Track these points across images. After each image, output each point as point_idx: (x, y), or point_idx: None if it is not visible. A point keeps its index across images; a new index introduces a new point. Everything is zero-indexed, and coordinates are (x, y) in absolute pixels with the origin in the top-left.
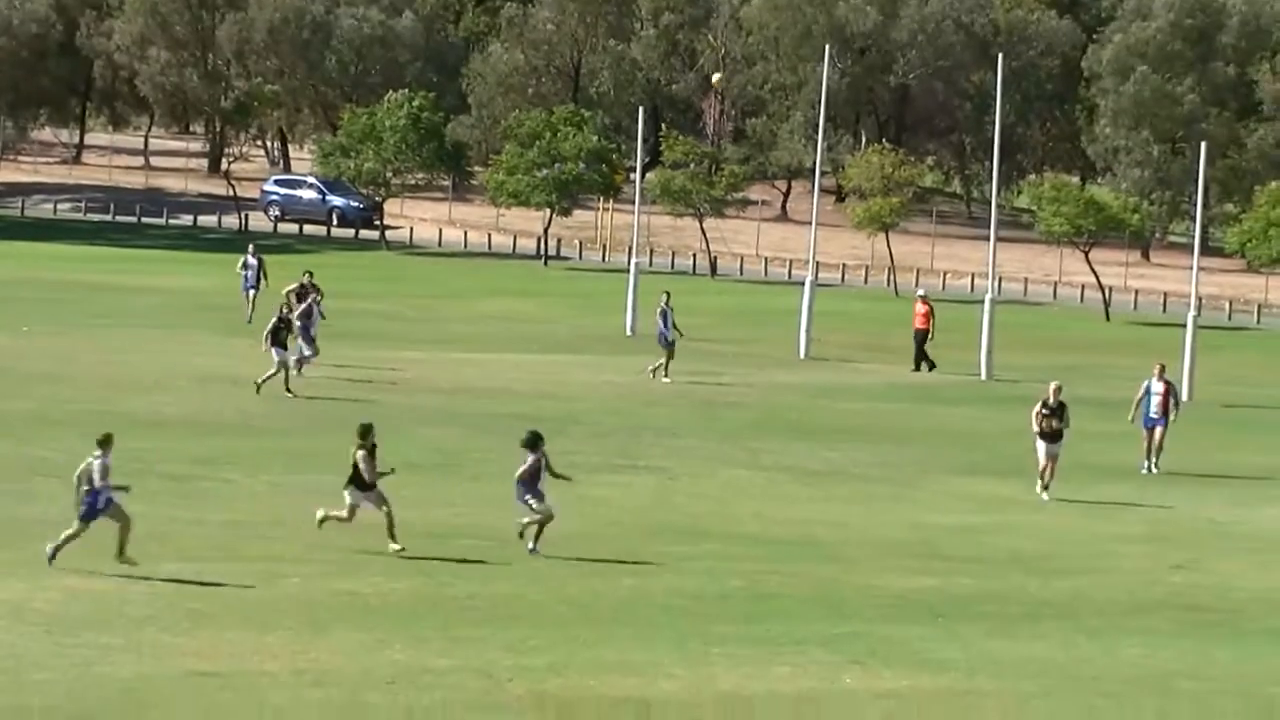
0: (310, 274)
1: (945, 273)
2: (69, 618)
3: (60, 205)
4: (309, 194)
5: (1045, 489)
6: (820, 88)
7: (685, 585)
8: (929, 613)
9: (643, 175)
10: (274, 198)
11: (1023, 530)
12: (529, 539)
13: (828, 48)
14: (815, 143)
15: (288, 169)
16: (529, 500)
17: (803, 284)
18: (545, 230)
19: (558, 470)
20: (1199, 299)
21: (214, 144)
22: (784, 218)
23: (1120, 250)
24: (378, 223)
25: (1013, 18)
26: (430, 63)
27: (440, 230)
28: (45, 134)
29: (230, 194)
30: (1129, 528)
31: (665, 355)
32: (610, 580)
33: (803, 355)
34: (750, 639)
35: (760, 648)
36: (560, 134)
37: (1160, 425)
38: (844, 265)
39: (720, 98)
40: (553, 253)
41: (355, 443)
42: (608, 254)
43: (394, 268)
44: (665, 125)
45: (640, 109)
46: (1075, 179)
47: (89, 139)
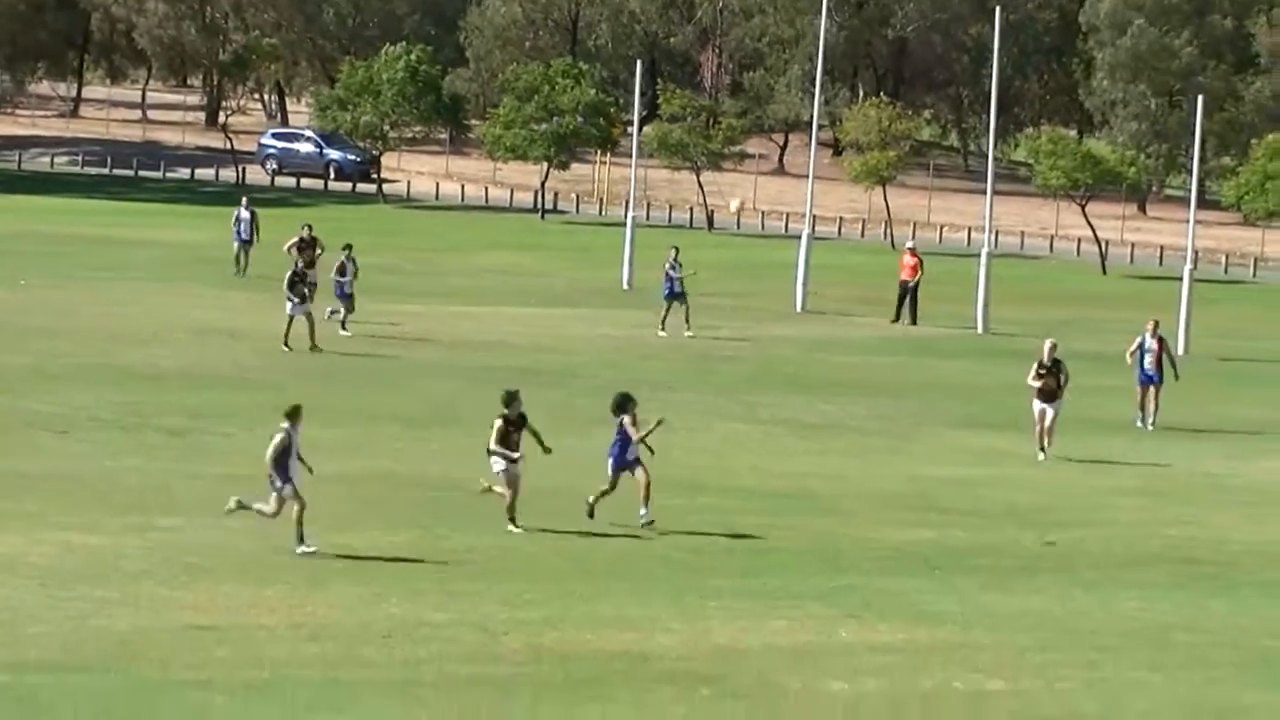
0: (309, 226)
1: (942, 226)
2: (64, 571)
3: (57, 159)
4: (306, 147)
5: (1042, 450)
6: (818, 41)
7: (681, 539)
8: (925, 565)
9: (640, 129)
10: (271, 151)
11: (1019, 483)
12: (644, 511)
13: (825, 0)
14: (813, 96)
15: (285, 122)
16: (633, 466)
17: (800, 237)
18: (542, 184)
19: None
20: (1195, 252)
21: (211, 97)
22: (781, 171)
23: (1117, 204)
24: (375, 176)
25: None
26: (428, 15)
27: (437, 184)
28: (43, 87)
29: (228, 147)
30: (1125, 481)
31: (666, 308)
32: (606, 534)
33: (800, 309)
34: (747, 592)
35: (757, 601)
36: (558, 87)
37: (1155, 382)
38: (841, 219)
39: (718, 50)
40: (550, 206)
41: (505, 413)
42: (605, 208)
43: (391, 221)
44: (663, 79)
45: (638, 62)
46: (1072, 132)
47: (86, 92)
